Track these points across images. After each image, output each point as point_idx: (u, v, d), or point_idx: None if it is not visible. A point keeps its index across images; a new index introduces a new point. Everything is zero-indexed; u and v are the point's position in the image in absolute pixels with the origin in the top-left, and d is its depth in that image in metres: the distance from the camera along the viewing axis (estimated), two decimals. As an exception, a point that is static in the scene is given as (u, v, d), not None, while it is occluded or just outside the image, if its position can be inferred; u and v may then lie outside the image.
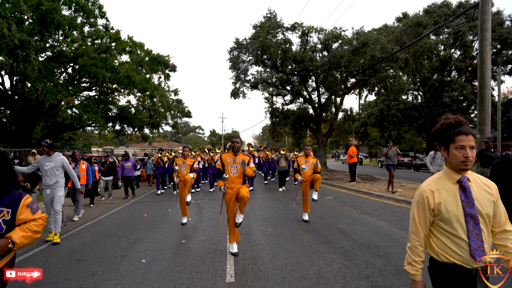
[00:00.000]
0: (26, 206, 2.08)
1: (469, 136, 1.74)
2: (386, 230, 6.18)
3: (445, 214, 1.77)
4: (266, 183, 15.03)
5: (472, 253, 1.70)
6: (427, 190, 1.84)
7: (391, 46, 15.18)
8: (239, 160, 4.95)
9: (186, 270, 4.25)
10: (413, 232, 1.88)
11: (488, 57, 7.82)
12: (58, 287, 3.80)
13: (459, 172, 1.79)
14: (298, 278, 3.93)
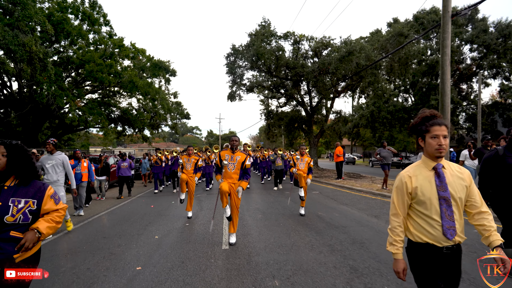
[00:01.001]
0: (50, 197, 2.17)
1: (442, 126, 1.92)
2: (356, 216, 7.41)
3: (421, 197, 1.94)
4: (263, 183, 15.21)
5: (444, 232, 1.88)
6: (405, 176, 2.02)
7: (375, 54, 16.44)
8: (236, 157, 5.35)
9: (190, 242, 5.45)
10: (393, 214, 2.06)
11: (447, 70, 9.06)
12: (94, 253, 4.99)
13: (435, 160, 1.98)
14: (277, 246, 5.15)
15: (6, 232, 1.98)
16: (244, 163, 5.34)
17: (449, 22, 9.08)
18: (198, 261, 4.51)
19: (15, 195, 2.03)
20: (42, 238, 2.06)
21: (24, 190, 2.08)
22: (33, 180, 2.16)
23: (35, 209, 2.08)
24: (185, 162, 7.94)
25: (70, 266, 4.44)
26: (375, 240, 5.42)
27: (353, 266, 4.21)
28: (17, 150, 2.12)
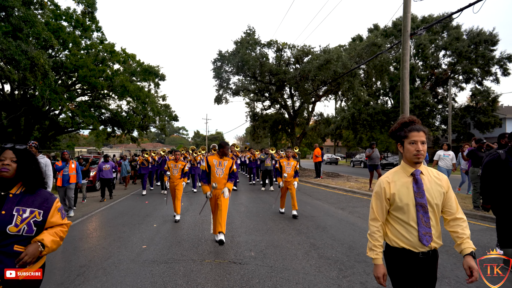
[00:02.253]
0: (57, 210, 2.02)
1: (420, 132, 1.94)
2: (325, 208, 8.67)
3: (399, 203, 1.95)
4: (251, 183, 15.16)
5: (420, 238, 1.89)
6: (384, 181, 2.03)
7: (351, 62, 17.83)
8: (224, 163, 5.40)
9: (184, 229, 6.57)
10: (372, 219, 2.07)
11: (407, 81, 10.41)
12: (105, 238, 6.05)
13: (413, 166, 1.98)
14: (255, 230, 6.32)
15: (10, 246, 1.83)
16: (231, 168, 5.45)
17: (408, 40, 10.43)
18: (192, 241, 5.64)
19: (20, 203, 1.88)
20: (45, 252, 1.90)
21: (31, 199, 1.93)
22: (40, 189, 2.02)
23: (41, 221, 1.91)
24: (172, 168, 7.67)
25: (88, 246, 5.51)
26: (336, 226, 6.67)
27: (313, 243, 5.43)
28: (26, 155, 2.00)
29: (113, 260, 4.73)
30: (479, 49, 33.25)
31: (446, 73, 36.48)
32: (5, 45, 10.59)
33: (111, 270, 4.29)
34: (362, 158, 32.96)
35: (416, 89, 34.79)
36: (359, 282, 3.79)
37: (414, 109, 32.86)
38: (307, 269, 4.23)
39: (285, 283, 3.80)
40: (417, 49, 35.14)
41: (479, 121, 32.67)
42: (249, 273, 4.11)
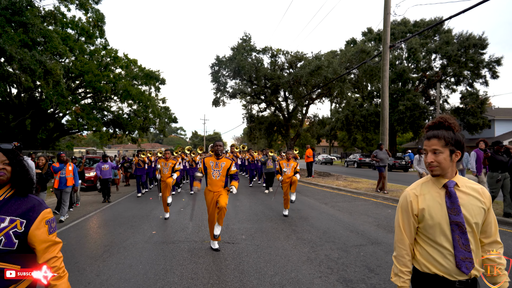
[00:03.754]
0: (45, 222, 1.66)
1: (430, 140, 1.69)
2: (310, 203, 9.78)
3: (429, 221, 1.67)
4: (251, 186, 14.73)
5: (458, 264, 1.61)
6: (411, 194, 1.76)
7: (341, 68, 18.94)
8: (221, 164, 5.11)
9: (186, 218, 7.66)
10: (398, 239, 1.78)
11: (386, 90, 11.51)
12: (120, 226, 7.13)
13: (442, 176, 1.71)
14: (247, 220, 7.42)
15: None
16: (229, 169, 5.12)
17: (387, 52, 11.54)
18: (193, 227, 6.74)
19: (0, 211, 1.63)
20: None
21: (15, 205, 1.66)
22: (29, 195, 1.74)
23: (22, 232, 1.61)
24: (162, 167, 7.93)
25: (106, 232, 6.60)
26: (316, 217, 7.78)
27: (294, 229, 6.54)
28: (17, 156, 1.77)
29: (130, 241, 5.82)
30: (468, 52, 34.43)
31: (438, 75, 37.58)
32: (21, 55, 11.64)
33: (129, 248, 5.38)
34: (356, 159, 34.07)
35: (408, 91, 35.91)
36: (324, 255, 4.90)
37: (405, 111, 34.02)
38: (286, 247, 5.34)
39: (267, 256, 4.90)
40: (409, 52, 36.31)
41: (468, 122, 33.85)
42: (239, 250, 5.21)
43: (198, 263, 4.64)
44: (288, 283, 3.89)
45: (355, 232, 6.24)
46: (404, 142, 51.91)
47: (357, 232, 6.27)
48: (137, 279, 4.08)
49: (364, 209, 8.77)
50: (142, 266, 4.54)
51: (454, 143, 1.66)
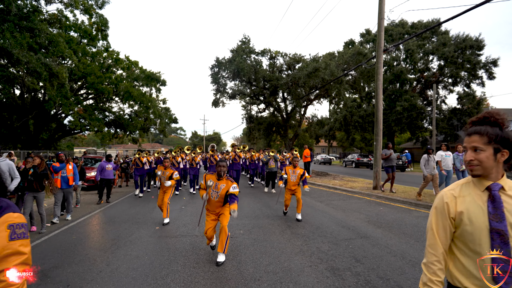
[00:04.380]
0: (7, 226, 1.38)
1: (471, 136, 1.53)
2: (306, 201, 10.18)
3: (467, 226, 1.48)
4: (252, 186, 14.73)
5: (496, 279, 1.43)
6: (448, 195, 1.57)
7: (338, 70, 19.36)
8: (221, 186, 4.88)
9: (188, 215, 8.07)
10: (430, 245, 1.59)
11: (380, 92, 11.92)
12: (125, 222, 7.54)
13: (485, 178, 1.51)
14: (245, 217, 7.84)
15: None
16: (227, 192, 4.85)
17: (381, 55, 11.95)
18: (194, 224, 7.15)
19: None
20: None
21: None
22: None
23: None
24: (161, 176, 7.79)
25: (112, 228, 7.01)
26: (311, 213, 8.20)
27: (289, 225, 6.95)
28: None
29: (135, 235, 6.23)
30: (465, 54, 34.85)
31: (435, 76, 37.98)
32: (27, 58, 12.05)
33: (135, 242, 5.79)
34: (354, 159, 34.47)
35: (405, 92, 36.34)
36: (315, 247, 5.32)
37: (403, 112, 34.45)
38: (281, 240, 5.76)
39: (263, 248, 5.32)
40: (406, 53, 36.72)
41: (465, 123, 34.25)
42: (237, 243, 5.63)
43: (200, 254, 5.05)
44: (281, 271, 4.30)
45: (346, 228, 6.65)
46: (403, 142, 52.35)
47: (348, 227, 6.68)
48: (144, 268, 4.49)
49: (357, 206, 9.19)
50: (148, 257, 4.96)
51: (500, 141, 1.47)
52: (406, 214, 8.05)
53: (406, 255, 4.86)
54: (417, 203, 9.18)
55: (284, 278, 4.07)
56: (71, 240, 6.09)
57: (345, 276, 4.10)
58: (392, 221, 7.17)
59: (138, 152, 12.73)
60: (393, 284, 3.83)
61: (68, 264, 4.75)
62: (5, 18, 10.47)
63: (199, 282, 4.00)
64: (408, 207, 9.07)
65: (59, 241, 6.05)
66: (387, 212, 8.33)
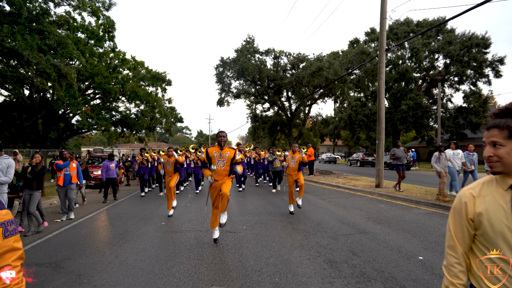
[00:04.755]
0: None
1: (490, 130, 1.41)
2: (309, 199, 10.38)
3: (488, 229, 1.38)
4: (257, 185, 14.49)
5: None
6: (467, 195, 1.47)
7: (342, 70, 19.48)
8: (225, 154, 5.23)
9: (192, 212, 8.32)
10: (449, 246, 1.53)
11: (383, 91, 12.05)
12: (132, 218, 7.80)
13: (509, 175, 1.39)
14: (248, 213, 8.05)
15: None
16: (234, 158, 5.26)
17: (383, 55, 12.08)
18: (199, 220, 7.39)
19: None
20: None
21: None
22: None
23: None
24: (165, 163, 8.25)
25: (119, 223, 7.27)
26: (313, 210, 8.39)
27: (291, 221, 7.16)
28: None
29: (142, 230, 6.49)
30: (471, 52, 34.64)
31: (441, 75, 37.82)
32: (37, 59, 12.39)
33: (142, 236, 6.04)
34: (359, 158, 34.50)
35: (411, 91, 36.27)
36: (315, 242, 5.52)
37: (408, 110, 34.40)
38: (282, 235, 5.97)
39: (264, 242, 5.53)
40: (411, 52, 36.62)
41: (471, 121, 34.11)
42: (240, 237, 5.85)
43: (203, 248, 5.28)
44: (281, 263, 4.51)
45: (346, 224, 6.84)
46: (408, 141, 52.16)
47: (348, 223, 6.87)
48: (151, 260, 4.73)
49: (359, 204, 9.36)
50: (154, 250, 5.20)
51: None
52: (406, 211, 8.20)
53: (402, 249, 5.04)
54: (418, 200, 9.32)
55: (283, 269, 4.28)
56: (81, 235, 6.36)
57: (342, 268, 4.30)
58: (392, 218, 7.34)
59: (142, 151, 12.67)
60: (387, 276, 4.02)
61: (79, 256, 5.01)
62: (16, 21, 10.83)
63: (203, 272, 4.23)
64: (409, 204, 9.21)
65: (70, 236, 6.32)
66: (388, 209, 8.49)
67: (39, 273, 4.31)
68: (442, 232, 6.03)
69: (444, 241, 5.08)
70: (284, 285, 3.78)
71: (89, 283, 3.94)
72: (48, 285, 3.92)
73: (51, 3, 12.71)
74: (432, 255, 4.75)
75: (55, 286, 3.89)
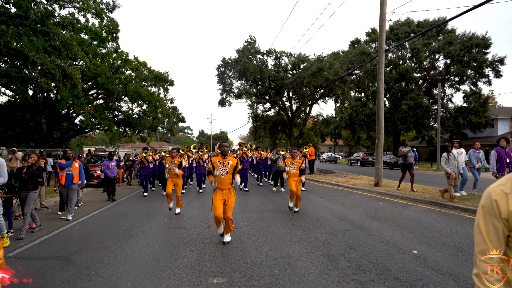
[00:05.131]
0: None
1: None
2: (309, 197, 10.57)
3: None
4: (261, 185, 14.32)
5: None
6: (497, 192, 1.31)
7: (342, 70, 19.66)
8: (228, 163, 5.39)
9: (195, 209, 8.51)
10: (480, 251, 1.32)
11: (382, 91, 12.21)
12: (136, 215, 8.00)
13: None
14: (249, 211, 8.25)
15: None
16: (236, 167, 5.44)
17: (383, 56, 12.25)
18: (201, 217, 7.59)
19: None
20: None
21: None
22: None
23: None
24: (169, 165, 8.31)
25: (124, 220, 7.48)
26: (312, 208, 8.58)
27: (290, 218, 7.35)
28: None
29: (146, 227, 6.69)
30: (472, 52, 34.74)
31: (441, 75, 37.90)
32: (42, 60, 12.61)
33: (146, 232, 6.24)
34: (359, 157, 34.65)
35: (411, 91, 36.34)
36: (313, 237, 5.71)
37: (408, 110, 34.49)
38: (281, 231, 6.16)
39: (265, 237, 5.72)
40: (412, 52, 36.71)
41: (471, 121, 34.19)
42: (241, 233, 6.04)
43: (206, 243, 5.48)
44: (280, 257, 4.70)
45: (345, 220, 7.02)
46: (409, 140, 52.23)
47: (346, 220, 7.05)
48: (155, 254, 4.93)
49: (358, 202, 9.54)
50: (159, 245, 5.39)
51: None
52: (403, 208, 8.38)
53: (397, 244, 5.22)
54: (416, 198, 9.49)
55: (283, 262, 4.47)
56: (87, 230, 6.57)
57: (339, 261, 4.48)
58: (389, 215, 7.52)
59: (145, 151, 12.56)
60: (382, 268, 4.20)
61: (87, 250, 5.21)
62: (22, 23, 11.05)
63: (205, 265, 4.43)
64: (407, 202, 9.38)
65: (76, 231, 6.53)
66: (386, 207, 8.67)
67: (48, 266, 4.51)
68: (438, 228, 6.21)
69: (439, 236, 5.28)
70: (284, 277, 3.97)
71: (97, 275, 4.13)
72: (58, 277, 4.11)
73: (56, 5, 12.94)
74: (426, 249, 4.93)
75: (64, 278, 4.08)
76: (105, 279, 3.99)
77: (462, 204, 8.13)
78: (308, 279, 3.89)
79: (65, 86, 13.53)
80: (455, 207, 8.09)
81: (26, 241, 5.88)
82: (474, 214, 7.34)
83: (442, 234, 5.74)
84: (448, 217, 7.21)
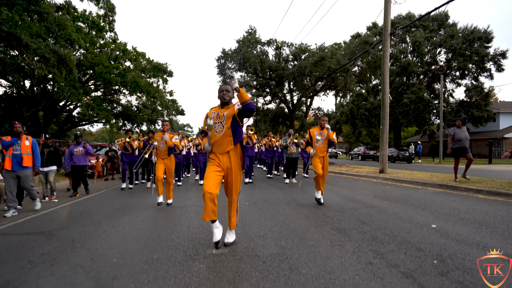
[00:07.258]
0: None
1: None
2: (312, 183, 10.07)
3: None
4: (271, 177, 12.13)
5: None
6: None
7: (344, 59, 19.21)
8: (224, 113, 3.61)
9: (193, 192, 8.08)
10: None
11: (387, 75, 11.79)
12: (132, 194, 7.57)
13: None
14: (250, 193, 7.82)
15: None
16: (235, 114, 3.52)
17: (388, 39, 11.82)
18: (199, 198, 7.16)
19: None
20: None
21: None
22: None
23: None
24: (159, 141, 6.44)
25: (118, 201, 7.05)
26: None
27: (295, 199, 6.92)
28: None
29: (141, 206, 6.28)
30: (473, 46, 34.36)
31: (443, 69, 37.50)
32: (36, 44, 12.16)
33: (141, 210, 5.82)
34: (360, 151, 34.24)
35: (413, 84, 35.94)
36: (321, 214, 5.28)
37: (410, 104, 34.09)
38: (286, 209, 5.73)
39: (268, 215, 5.29)
40: (413, 46, 36.31)
41: (473, 115, 33.79)
42: (242, 211, 5.60)
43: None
44: (286, 230, 4.27)
45: (352, 201, 6.60)
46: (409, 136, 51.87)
47: (354, 200, 6.63)
48: (149, 229, 4.50)
49: (364, 186, 9.12)
50: (153, 221, 4.97)
51: None
52: (413, 191, 7.95)
53: (413, 219, 4.79)
54: (425, 182, 9.06)
55: (290, 235, 4.04)
56: (77, 210, 6.15)
57: (351, 234, 4.05)
58: (399, 196, 7.09)
59: (129, 134, 9.92)
60: (400, 240, 3.78)
61: (74, 226, 4.79)
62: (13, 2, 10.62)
63: (204, 238, 4.01)
64: (415, 186, 8.96)
65: (65, 211, 6.11)
66: (393, 190, 8.24)
67: (29, 240, 4.09)
68: (453, 206, 5.79)
69: (456, 213, 4.83)
70: (291, 248, 3.54)
71: (82, 247, 3.71)
72: (39, 249, 3.69)
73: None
74: (445, 224, 4.50)
75: (45, 250, 3.66)
76: (91, 251, 3.56)
77: (475, 186, 7.71)
78: (319, 249, 3.47)
79: (60, 72, 13.08)
80: (468, 189, 7.66)
81: (10, 219, 5.45)
82: (489, 196, 6.98)
83: (459, 211, 5.31)
84: (462, 198, 6.78)
